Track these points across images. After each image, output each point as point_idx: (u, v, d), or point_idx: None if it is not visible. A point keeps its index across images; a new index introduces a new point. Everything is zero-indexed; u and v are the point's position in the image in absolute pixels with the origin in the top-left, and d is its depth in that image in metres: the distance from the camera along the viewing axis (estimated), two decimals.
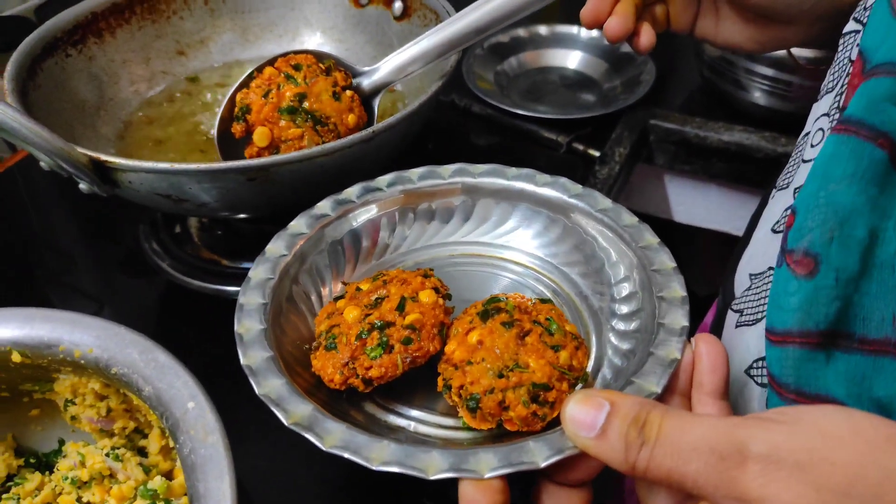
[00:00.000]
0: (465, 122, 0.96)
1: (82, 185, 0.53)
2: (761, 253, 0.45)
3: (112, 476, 0.46)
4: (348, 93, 0.51)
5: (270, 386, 0.38)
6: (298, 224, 0.49)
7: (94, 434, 0.48)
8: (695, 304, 0.45)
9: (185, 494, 0.43)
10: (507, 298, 0.43)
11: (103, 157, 0.50)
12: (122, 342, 0.40)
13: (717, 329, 0.49)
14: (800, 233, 0.35)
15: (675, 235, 1.12)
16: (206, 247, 0.71)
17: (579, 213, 0.50)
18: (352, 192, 0.51)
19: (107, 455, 0.45)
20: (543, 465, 0.34)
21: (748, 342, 0.42)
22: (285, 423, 0.36)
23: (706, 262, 1.21)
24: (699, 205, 1.05)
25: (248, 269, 0.68)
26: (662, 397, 0.37)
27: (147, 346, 0.40)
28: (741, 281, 0.47)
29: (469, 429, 0.41)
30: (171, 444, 0.46)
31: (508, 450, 0.35)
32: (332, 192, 0.55)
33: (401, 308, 0.42)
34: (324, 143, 0.48)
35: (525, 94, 1.00)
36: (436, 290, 0.44)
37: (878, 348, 0.34)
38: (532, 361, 0.38)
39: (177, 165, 0.49)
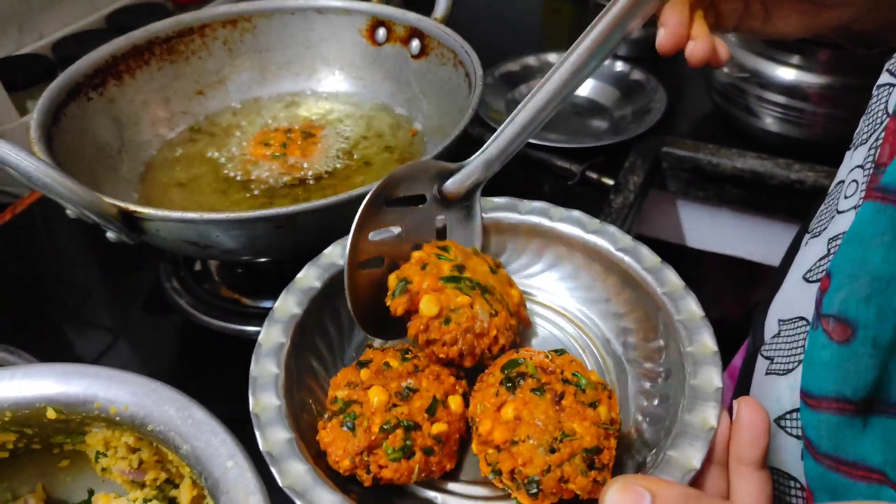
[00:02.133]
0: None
1: (110, 234, 0.54)
2: (792, 300, 0.45)
3: None
4: (502, 270, 0.47)
5: (294, 475, 0.36)
6: (307, 276, 0.46)
7: (125, 485, 0.48)
8: None
9: None
10: (525, 360, 0.40)
11: (132, 208, 0.51)
12: (159, 399, 0.40)
13: (747, 372, 0.48)
14: (835, 298, 0.35)
15: (687, 260, 1.12)
16: (227, 285, 0.72)
17: (597, 251, 0.48)
18: None
19: None
20: None
21: (779, 392, 0.42)
22: None
23: (718, 286, 1.21)
24: (712, 230, 1.05)
25: (268, 308, 0.68)
26: (701, 471, 0.36)
27: (183, 402, 0.40)
28: (771, 326, 0.46)
29: (499, 498, 0.40)
30: (203, 493, 0.47)
31: None
32: None
33: (432, 410, 0.39)
34: (494, 312, 0.42)
35: None
36: (464, 395, 0.42)
37: None
38: (577, 426, 0.36)
39: (206, 215, 0.49)
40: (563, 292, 0.50)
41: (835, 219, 0.43)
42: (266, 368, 0.41)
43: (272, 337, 0.43)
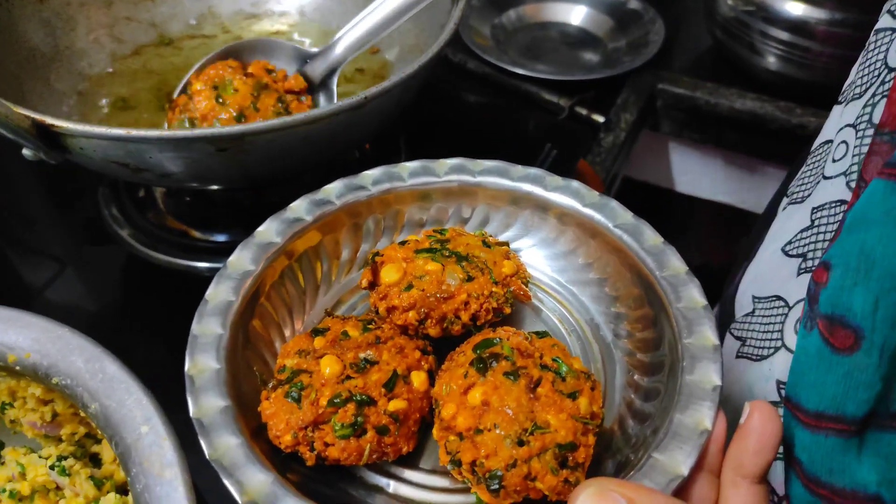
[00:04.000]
0: (460, 79, 0.89)
1: (26, 151, 0.46)
2: (768, 275, 0.40)
3: (59, 488, 0.40)
4: (501, 247, 0.43)
5: (224, 447, 0.31)
6: (268, 230, 0.41)
7: (39, 439, 0.42)
8: None
9: None
10: (500, 340, 0.36)
11: (49, 121, 0.43)
12: (66, 347, 0.34)
13: None
14: (837, 297, 0.29)
15: (675, 206, 1.07)
16: (173, 215, 0.65)
17: (594, 227, 0.43)
18: (331, 190, 0.43)
19: (51, 468, 0.39)
20: None
21: (750, 379, 0.37)
22: (238, 502, 0.30)
23: (705, 234, 1.16)
24: (704, 175, 1.00)
25: (219, 242, 0.62)
26: (689, 476, 0.31)
27: (94, 353, 0.34)
28: (743, 301, 0.41)
29: (457, 491, 0.35)
30: None
31: None
32: (315, 163, 0.48)
33: (390, 385, 0.35)
34: (469, 278, 0.38)
35: (524, 50, 0.93)
36: (430, 373, 0.37)
37: None
38: (552, 418, 0.32)
39: (134, 132, 0.42)
40: (552, 270, 0.45)
41: (820, 185, 0.38)
42: (209, 327, 0.36)
43: (221, 294, 0.38)
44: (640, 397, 0.37)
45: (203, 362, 0.34)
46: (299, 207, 0.42)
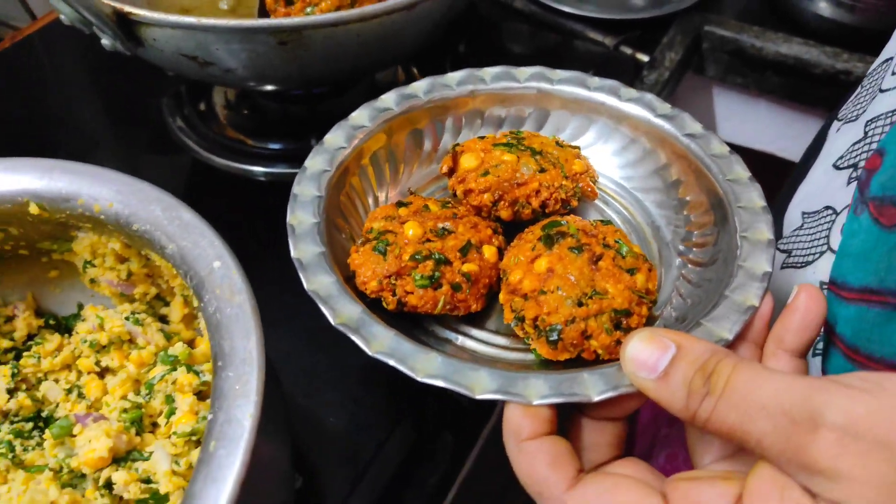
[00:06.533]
0: (506, 17, 0.90)
1: (105, 41, 0.50)
2: (819, 190, 0.41)
3: (132, 342, 0.45)
4: (574, 149, 0.45)
5: (320, 283, 0.36)
6: (360, 116, 0.45)
7: (114, 298, 0.46)
8: None
9: (208, 362, 0.42)
10: (567, 222, 0.39)
11: (128, 9, 0.47)
12: (145, 198, 0.38)
13: None
14: (890, 177, 0.31)
15: None
16: (232, 126, 0.69)
17: (664, 136, 0.45)
18: (419, 86, 0.47)
19: (126, 319, 0.44)
20: (597, 399, 0.31)
21: (794, 285, 0.39)
22: (332, 323, 0.34)
23: None
24: (747, 122, 1.00)
25: (273, 149, 0.66)
26: (732, 344, 0.34)
27: (171, 203, 0.38)
28: (792, 219, 0.43)
29: (517, 349, 0.39)
30: (194, 311, 0.45)
31: (560, 379, 0.32)
32: (366, 69, 0.51)
33: (464, 251, 0.39)
34: (542, 169, 0.42)
35: None
36: (499, 249, 0.41)
37: None
38: (610, 287, 0.35)
39: (204, 21, 0.46)
40: (619, 177, 0.48)
41: (876, 99, 0.38)
42: (307, 189, 0.41)
43: (317, 164, 0.43)
44: (694, 286, 0.40)
45: (302, 216, 0.39)
46: (388, 99, 0.46)
